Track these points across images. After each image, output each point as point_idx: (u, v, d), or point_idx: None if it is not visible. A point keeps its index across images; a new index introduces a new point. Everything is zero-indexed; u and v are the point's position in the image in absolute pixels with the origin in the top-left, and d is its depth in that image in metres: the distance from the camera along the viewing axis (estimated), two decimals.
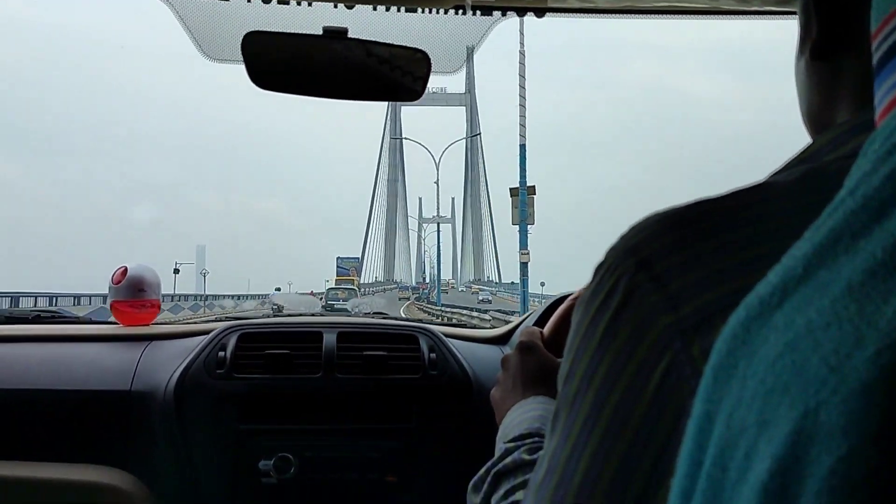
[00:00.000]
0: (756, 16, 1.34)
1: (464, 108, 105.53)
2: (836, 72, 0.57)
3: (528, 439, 0.78)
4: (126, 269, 1.70)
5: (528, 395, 0.88)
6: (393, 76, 1.52)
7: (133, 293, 1.69)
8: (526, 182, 20.86)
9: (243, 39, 1.35)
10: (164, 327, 1.69)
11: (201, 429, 1.44)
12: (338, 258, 69.19)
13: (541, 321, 1.43)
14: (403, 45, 1.48)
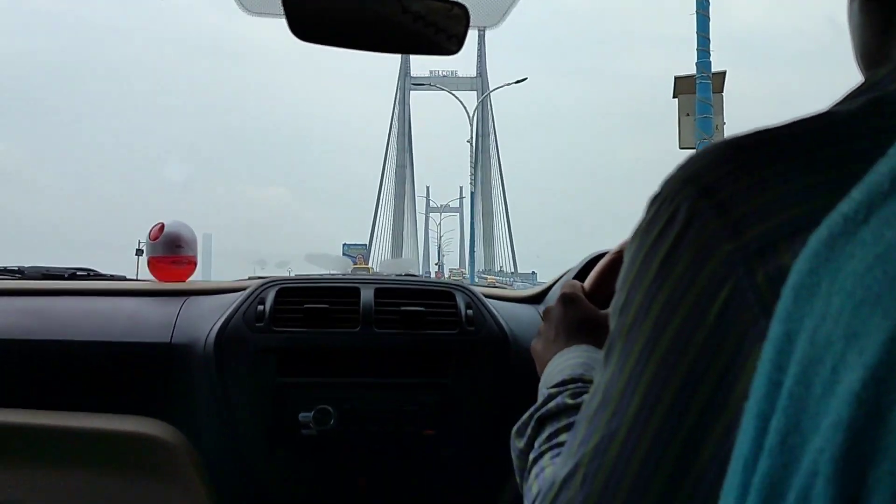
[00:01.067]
0: None
1: (475, 92, 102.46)
2: (891, 9, 0.57)
3: (571, 384, 0.78)
4: (163, 226, 1.71)
5: (570, 345, 0.88)
6: (428, 28, 1.51)
7: (170, 249, 1.69)
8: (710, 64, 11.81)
9: None
10: (201, 284, 1.70)
11: (241, 381, 1.45)
12: (344, 245, 66.37)
13: (579, 277, 1.42)
14: None
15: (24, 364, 1.47)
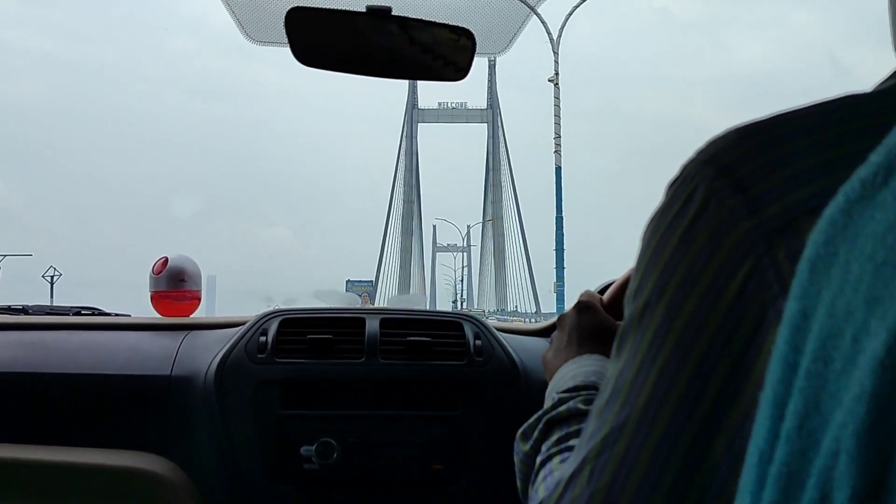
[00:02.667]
0: None
1: (485, 124, 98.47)
2: None
3: (584, 391, 0.75)
4: (167, 260, 1.69)
5: (582, 353, 0.85)
6: (436, 60, 1.50)
7: (174, 283, 1.68)
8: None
9: (287, 15, 1.35)
10: (204, 319, 1.67)
11: (242, 414, 1.41)
12: (348, 282, 59.58)
13: (600, 293, 1.39)
14: (448, 24, 1.46)
15: (23, 398, 1.45)
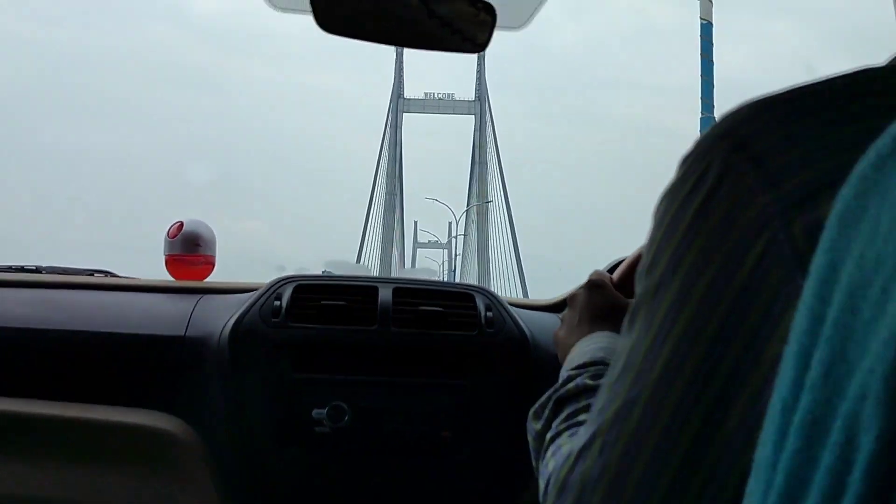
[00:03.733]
0: None
1: (472, 116, 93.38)
2: None
3: (592, 367, 0.75)
4: (182, 224, 1.70)
5: (594, 331, 0.85)
6: (455, 34, 1.50)
7: (189, 248, 1.68)
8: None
9: None
10: (218, 283, 1.68)
11: (255, 376, 1.42)
12: (325, 271, 55.99)
13: (609, 272, 1.39)
14: None
15: (38, 354, 1.45)
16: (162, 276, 1.75)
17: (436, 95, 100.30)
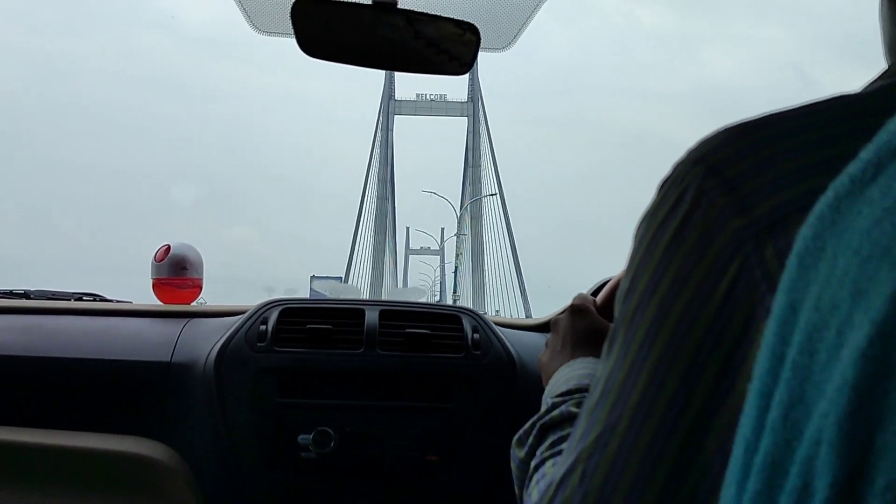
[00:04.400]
0: None
1: (465, 118, 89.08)
2: None
3: (577, 394, 0.75)
4: (169, 247, 1.70)
5: (577, 356, 0.85)
6: (440, 55, 1.51)
7: (175, 271, 1.68)
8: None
9: (292, 6, 1.35)
10: (205, 307, 1.68)
11: (240, 401, 1.42)
12: (312, 277, 45.84)
13: (593, 295, 1.39)
14: (453, 18, 1.46)
15: (23, 381, 1.45)
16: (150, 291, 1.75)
17: (428, 96, 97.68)
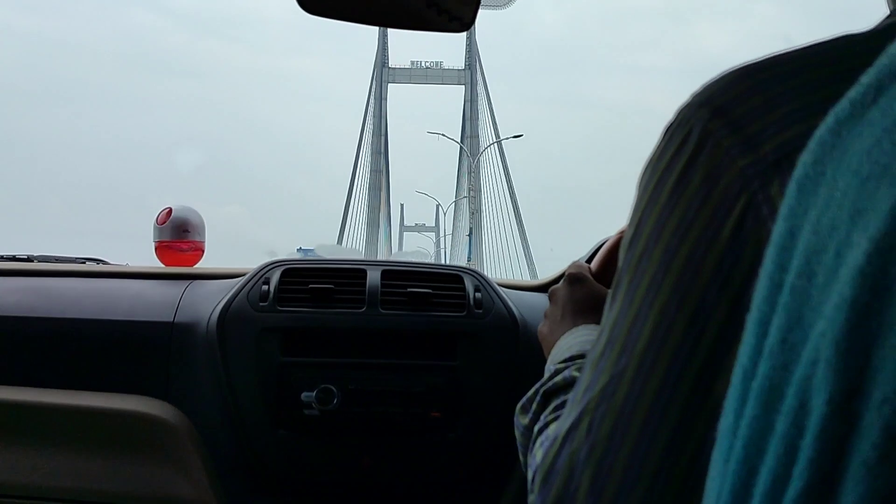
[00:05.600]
0: None
1: (462, 86, 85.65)
2: None
3: (579, 359, 0.74)
4: (171, 210, 1.70)
5: (577, 324, 0.84)
6: (441, 14, 1.49)
7: (177, 234, 1.68)
8: None
9: None
10: (207, 269, 1.68)
11: (244, 360, 1.42)
12: (299, 249, 36.86)
13: (588, 262, 1.39)
14: None
15: (26, 341, 1.46)
16: (152, 262, 1.75)
17: (423, 64, 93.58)
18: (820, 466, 0.29)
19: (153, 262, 1.78)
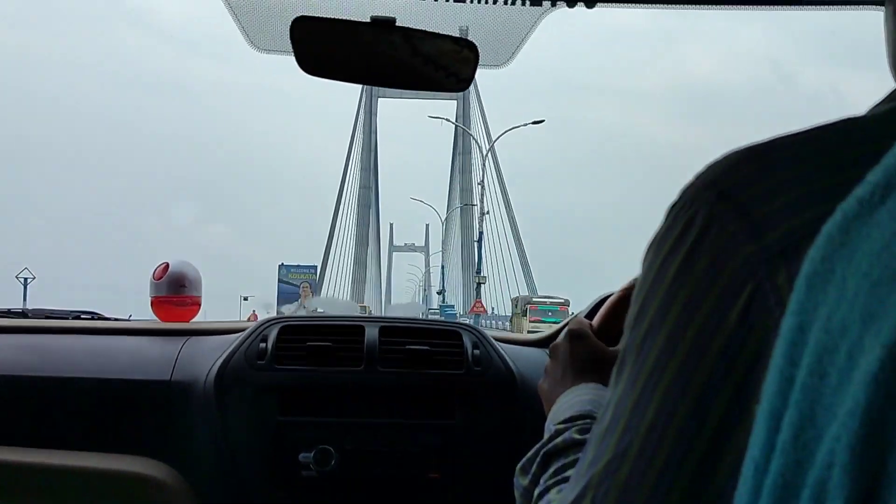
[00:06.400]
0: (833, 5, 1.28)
1: (455, 101, 79.02)
2: None
3: (580, 420, 0.74)
4: (168, 265, 1.70)
5: (578, 383, 0.84)
6: (438, 71, 1.51)
7: (174, 289, 1.68)
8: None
9: (292, 24, 1.36)
10: (205, 324, 1.68)
11: (241, 420, 1.41)
12: (281, 266, 40.58)
13: (589, 316, 1.39)
14: (451, 35, 1.47)
15: (22, 401, 1.44)
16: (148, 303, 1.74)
17: None
18: None
19: (149, 304, 1.77)
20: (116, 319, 1.91)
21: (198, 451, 1.42)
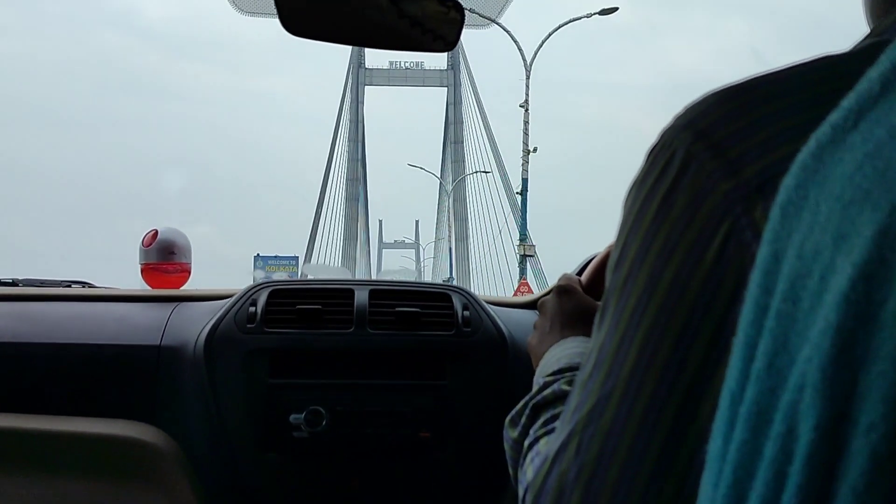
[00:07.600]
0: None
1: (445, 88, 78.52)
2: None
3: (568, 372, 0.74)
4: (157, 232, 1.69)
5: (566, 336, 0.85)
6: (425, 33, 1.50)
7: (163, 256, 1.68)
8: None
9: None
10: (194, 291, 1.67)
11: (231, 383, 1.41)
12: (257, 257, 36.52)
13: (578, 275, 1.39)
14: None
15: (11, 367, 1.44)
16: (137, 284, 1.74)
17: (402, 65, 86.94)
18: (808, 493, 0.30)
19: (138, 285, 1.77)
20: (107, 288, 1.91)
21: (189, 414, 1.43)
